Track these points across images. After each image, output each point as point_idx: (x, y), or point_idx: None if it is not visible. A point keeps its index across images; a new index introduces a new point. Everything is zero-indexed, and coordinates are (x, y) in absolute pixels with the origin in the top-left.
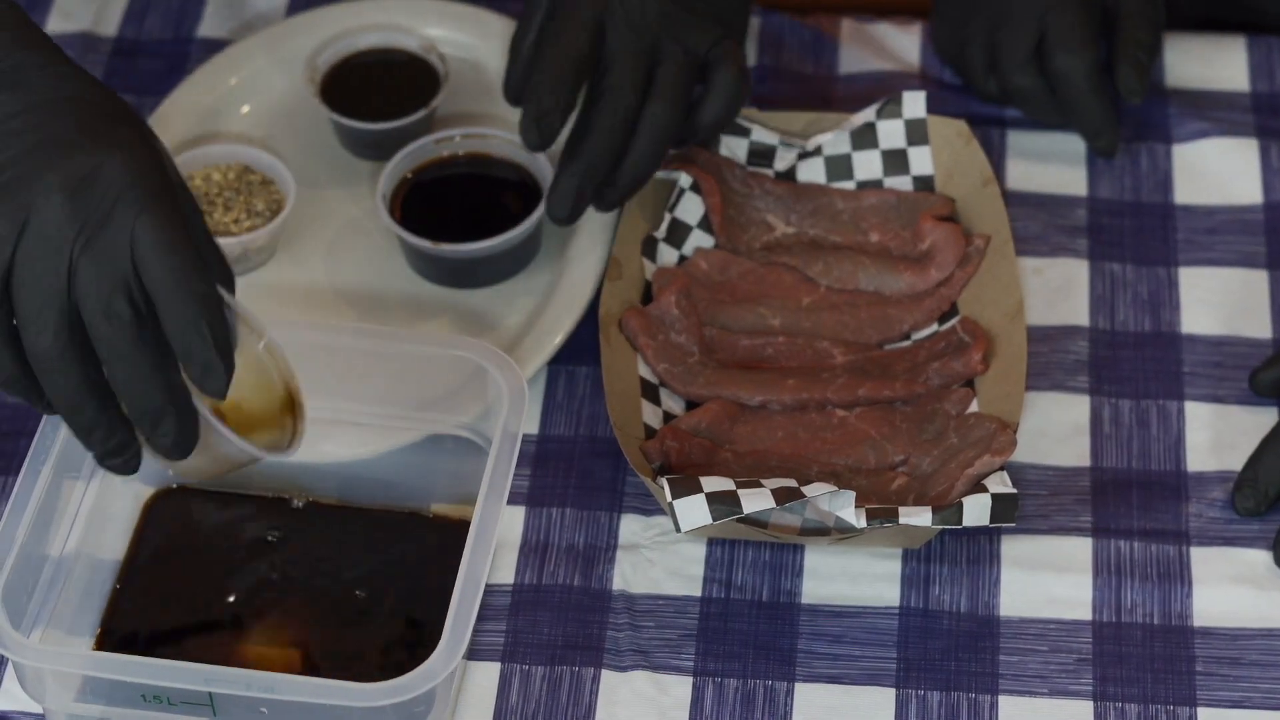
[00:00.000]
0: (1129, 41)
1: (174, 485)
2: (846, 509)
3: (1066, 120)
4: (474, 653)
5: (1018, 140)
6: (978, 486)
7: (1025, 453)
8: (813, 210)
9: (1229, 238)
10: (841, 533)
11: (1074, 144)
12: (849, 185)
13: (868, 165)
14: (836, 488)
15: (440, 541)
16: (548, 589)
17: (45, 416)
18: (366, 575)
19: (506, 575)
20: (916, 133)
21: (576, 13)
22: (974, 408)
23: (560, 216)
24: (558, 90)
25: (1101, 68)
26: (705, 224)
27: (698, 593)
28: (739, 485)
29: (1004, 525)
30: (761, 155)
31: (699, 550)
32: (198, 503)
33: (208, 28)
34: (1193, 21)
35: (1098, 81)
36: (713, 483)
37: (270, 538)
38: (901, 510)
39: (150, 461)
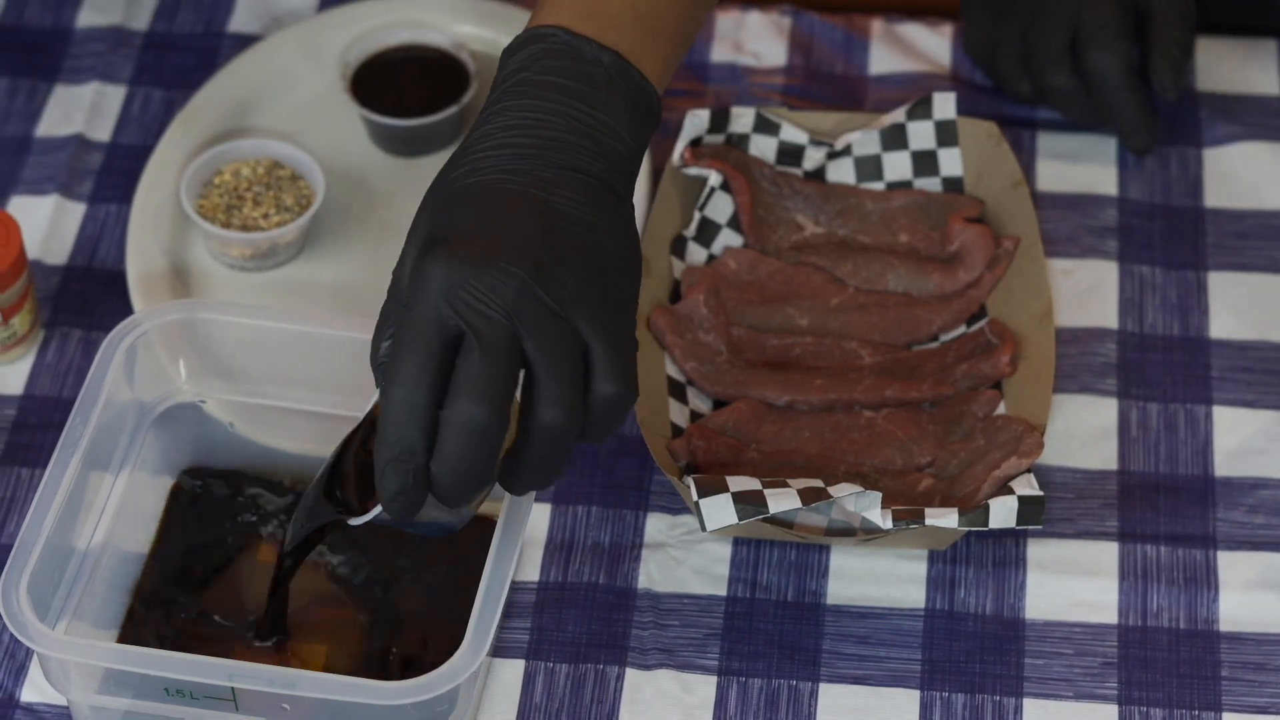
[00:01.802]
0: (1163, 39)
1: (199, 475)
2: (873, 510)
3: (1101, 119)
4: (498, 650)
5: (1048, 142)
6: (1004, 489)
7: (1052, 455)
8: (842, 210)
9: (1259, 243)
10: (867, 534)
11: (1104, 146)
12: (878, 186)
13: (897, 166)
14: (863, 488)
15: (466, 537)
16: (573, 587)
17: (75, 409)
18: (392, 570)
19: (532, 573)
20: (946, 134)
21: (421, 328)
22: (1001, 410)
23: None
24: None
25: (1135, 66)
26: (734, 223)
27: (723, 592)
28: (765, 485)
29: (1030, 528)
30: (790, 154)
31: (724, 550)
32: (224, 496)
33: (239, 23)
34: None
35: (1132, 79)
36: (739, 482)
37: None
38: (928, 512)
39: (180, 451)
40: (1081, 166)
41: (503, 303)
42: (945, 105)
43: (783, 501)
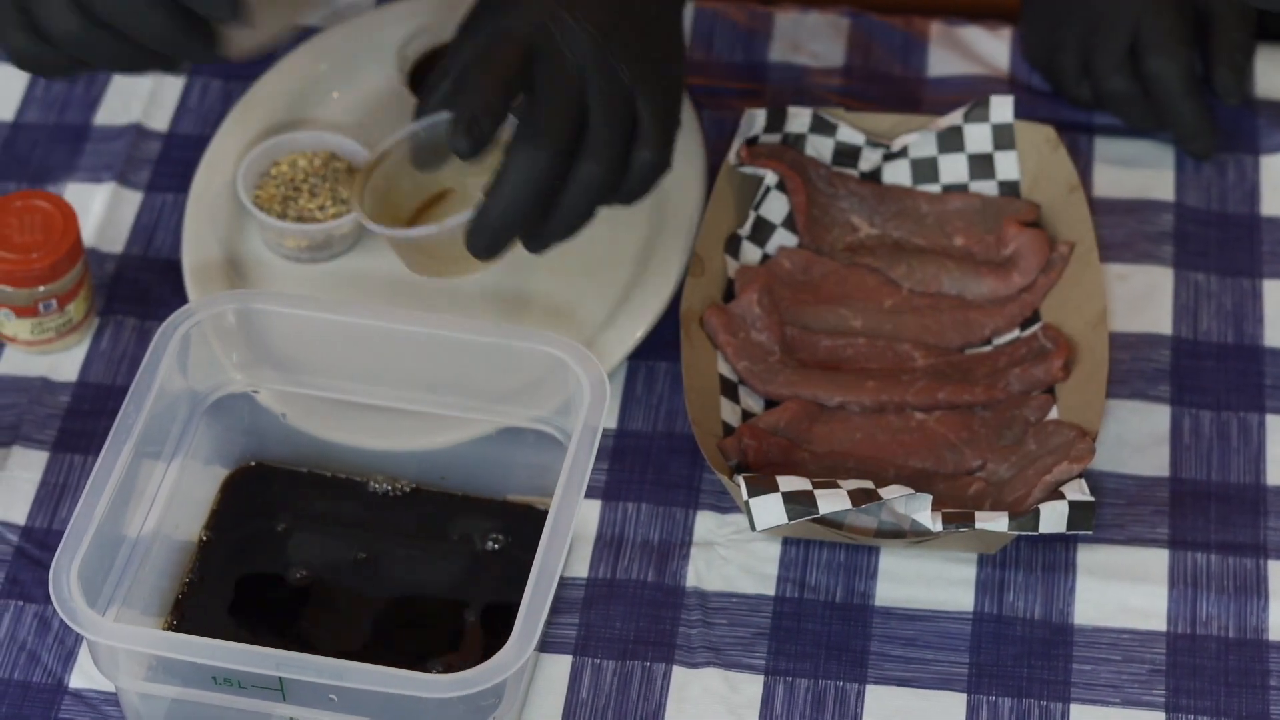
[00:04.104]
0: (1225, 43)
1: (253, 463)
2: (923, 512)
3: (1161, 124)
4: (546, 645)
5: (1105, 147)
6: (1055, 493)
7: (1104, 461)
8: (897, 212)
9: None
10: (917, 536)
11: (1161, 152)
12: (934, 188)
13: (953, 168)
14: (913, 490)
15: (517, 532)
16: (621, 583)
17: (129, 397)
18: (442, 563)
19: (581, 569)
20: (1003, 137)
21: (512, 34)
22: (1054, 414)
23: (480, 253)
24: (488, 95)
25: (1196, 71)
26: (789, 223)
27: (771, 592)
28: (815, 485)
29: (1080, 533)
30: (846, 155)
31: (773, 549)
32: (276, 484)
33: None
34: None
35: (1193, 84)
36: (789, 482)
37: (346, 520)
38: (978, 515)
39: (232, 441)
40: (1138, 172)
41: (577, 53)
42: (1003, 108)
43: (833, 502)
